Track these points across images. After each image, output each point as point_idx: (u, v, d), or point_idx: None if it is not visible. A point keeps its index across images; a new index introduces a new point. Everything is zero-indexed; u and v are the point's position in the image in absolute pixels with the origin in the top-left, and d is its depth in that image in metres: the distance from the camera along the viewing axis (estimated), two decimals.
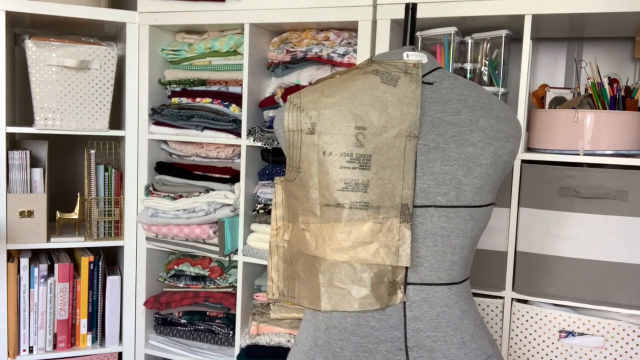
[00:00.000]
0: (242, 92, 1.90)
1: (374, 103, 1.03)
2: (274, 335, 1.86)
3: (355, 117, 1.03)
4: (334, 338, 1.08)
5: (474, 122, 1.05)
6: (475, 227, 1.07)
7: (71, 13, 1.92)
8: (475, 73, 1.71)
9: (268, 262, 1.17)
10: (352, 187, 1.02)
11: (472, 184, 1.05)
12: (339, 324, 1.07)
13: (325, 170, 1.03)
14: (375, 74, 1.06)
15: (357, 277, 1.03)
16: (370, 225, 1.02)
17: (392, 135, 1.03)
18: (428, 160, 1.04)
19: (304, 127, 1.06)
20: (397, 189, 1.03)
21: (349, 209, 1.02)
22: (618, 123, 1.53)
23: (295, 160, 1.07)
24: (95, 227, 2.09)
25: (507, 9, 1.55)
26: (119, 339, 2.15)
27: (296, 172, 1.07)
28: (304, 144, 1.05)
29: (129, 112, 2.05)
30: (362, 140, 1.02)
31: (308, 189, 1.05)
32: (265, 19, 1.82)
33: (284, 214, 1.15)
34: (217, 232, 1.93)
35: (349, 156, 1.02)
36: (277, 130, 1.12)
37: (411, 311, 1.05)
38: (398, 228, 1.03)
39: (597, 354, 1.55)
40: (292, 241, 1.13)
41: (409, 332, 1.05)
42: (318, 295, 1.06)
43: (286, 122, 1.07)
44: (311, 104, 1.06)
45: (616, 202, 1.51)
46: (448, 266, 1.06)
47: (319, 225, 1.05)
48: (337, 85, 1.07)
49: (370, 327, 1.06)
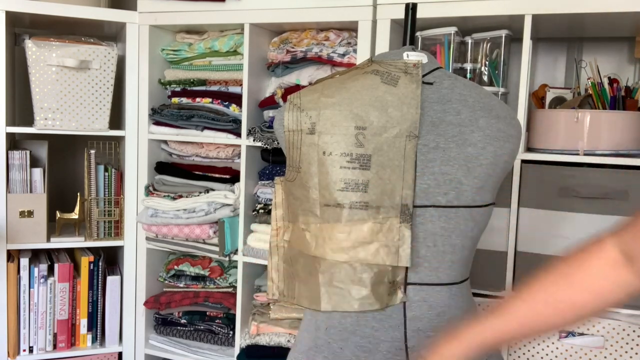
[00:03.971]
0: (242, 92, 1.90)
1: (374, 103, 1.03)
2: (274, 335, 1.86)
3: (355, 117, 1.03)
4: (334, 338, 1.08)
5: (474, 122, 1.05)
6: (475, 227, 1.07)
7: (71, 13, 1.92)
8: (475, 73, 1.71)
9: (268, 262, 1.16)
10: (352, 187, 1.02)
11: (472, 184, 1.05)
12: (339, 324, 1.07)
13: (325, 170, 1.03)
14: (375, 74, 1.06)
15: (357, 277, 1.03)
16: (370, 225, 1.02)
17: (392, 135, 1.02)
18: (428, 160, 1.04)
19: (304, 127, 1.05)
20: (397, 189, 1.03)
21: (349, 209, 1.02)
22: (618, 123, 1.53)
23: (295, 161, 1.07)
24: (95, 227, 2.09)
25: (507, 9, 1.55)
26: (119, 339, 2.15)
27: (296, 172, 1.07)
28: (304, 144, 1.05)
29: (129, 112, 2.05)
30: (362, 140, 1.02)
31: (308, 189, 1.05)
32: (265, 19, 1.82)
33: (284, 214, 1.15)
34: (217, 232, 1.93)
35: (349, 156, 1.02)
36: (277, 130, 1.12)
37: (411, 311, 1.05)
38: (398, 228, 1.03)
39: (597, 354, 1.55)
40: (292, 241, 1.12)
41: (409, 332, 1.05)
42: (318, 296, 1.06)
43: (286, 122, 1.07)
44: (311, 104, 1.06)
45: (616, 202, 1.51)
46: (448, 266, 1.06)
47: (318, 225, 1.05)
48: (337, 85, 1.06)
49: (371, 327, 1.05)
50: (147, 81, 2.03)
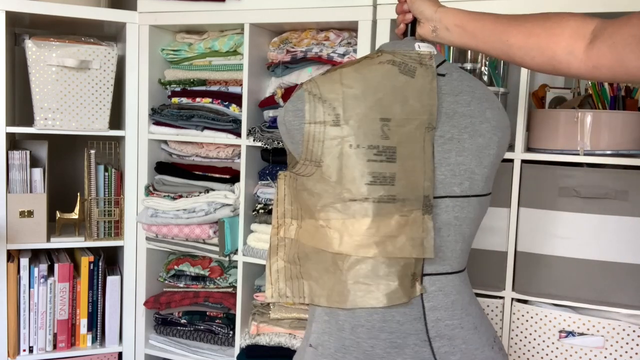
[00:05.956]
0: (242, 92, 1.90)
1: (396, 94, 1.01)
2: (274, 335, 1.86)
3: (379, 108, 1.00)
4: (363, 337, 1.05)
5: (482, 113, 1.08)
6: (480, 215, 1.11)
7: (71, 13, 1.92)
8: (475, 73, 1.71)
9: (267, 262, 1.13)
10: (380, 180, 1.00)
11: (483, 174, 1.08)
12: (366, 322, 1.04)
13: (352, 163, 1.00)
14: (392, 64, 1.03)
15: (384, 272, 1.02)
16: (397, 219, 1.01)
17: (414, 127, 1.02)
18: (444, 152, 1.05)
19: (327, 119, 1.00)
20: (420, 181, 1.02)
21: (377, 202, 1.00)
22: (618, 123, 1.53)
23: (316, 154, 1.02)
24: (95, 227, 2.09)
25: (506, 9, 1.55)
26: (119, 339, 2.15)
27: (316, 166, 1.02)
28: (327, 136, 1.00)
29: (129, 112, 2.04)
30: (387, 132, 1.00)
31: (331, 184, 1.01)
32: (265, 19, 1.82)
33: (288, 211, 1.12)
34: (217, 232, 1.93)
35: (376, 149, 0.99)
36: (291, 123, 1.04)
37: (429, 302, 1.06)
38: (422, 220, 1.02)
39: (597, 354, 1.55)
40: (303, 239, 1.09)
41: (429, 323, 1.06)
42: (341, 293, 1.03)
43: (308, 114, 1.01)
44: (333, 94, 1.01)
45: (616, 202, 1.51)
46: (458, 255, 1.09)
47: (342, 220, 1.02)
48: (354, 75, 1.02)
49: (396, 321, 1.04)
50: (147, 81, 2.03)
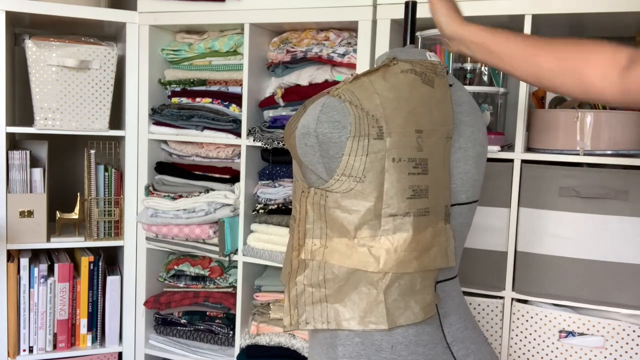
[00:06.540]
0: (242, 92, 1.90)
1: (424, 104, 1.00)
2: (274, 335, 1.86)
3: (414, 120, 0.98)
4: (403, 354, 1.01)
5: (477, 121, 1.10)
6: (472, 220, 1.14)
7: (71, 13, 1.92)
8: (475, 73, 1.71)
9: (285, 287, 1.04)
10: (418, 193, 0.98)
11: (480, 180, 1.10)
12: (404, 338, 1.01)
13: (395, 178, 0.96)
14: (415, 74, 1.01)
15: (420, 286, 1.00)
16: (430, 231, 1.00)
17: (438, 138, 1.01)
18: (455, 161, 1.06)
19: (371, 132, 0.95)
20: (442, 191, 1.02)
21: (417, 216, 0.98)
22: (618, 123, 1.53)
23: (357, 169, 0.96)
24: (95, 227, 2.09)
25: (507, 9, 1.55)
26: (119, 339, 2.15)
27: (356, 181, 0.97)
28: (371, 150, 0.95)
29: (129, 112, 2.04)
30: (421, 144, 0.98)
31: (371, 199, 0.97)
32: (265, 19, 1.82)
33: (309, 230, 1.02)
34: (217, 232, 1.93)
35: (414, 161, 0.97)
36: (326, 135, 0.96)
37: (441, 308, 1.06)
38: (444, 229, 1.03)
39: (597, 354, 1.55)
40: (331, 260, 1.01)
41: (445, 329, 1.06)
42: (379, 313, 0.99)
43: (354, 127, 0.95)
44: (371, 104, 0.96)
45: (616, 202, 1.51)
46: (458, 259, 1.11)
47: (382, 238, 0.97)
48: (384, 84, 0.98)
49: (427, 333, 1.03)
50: (147, 81, 2.03)
